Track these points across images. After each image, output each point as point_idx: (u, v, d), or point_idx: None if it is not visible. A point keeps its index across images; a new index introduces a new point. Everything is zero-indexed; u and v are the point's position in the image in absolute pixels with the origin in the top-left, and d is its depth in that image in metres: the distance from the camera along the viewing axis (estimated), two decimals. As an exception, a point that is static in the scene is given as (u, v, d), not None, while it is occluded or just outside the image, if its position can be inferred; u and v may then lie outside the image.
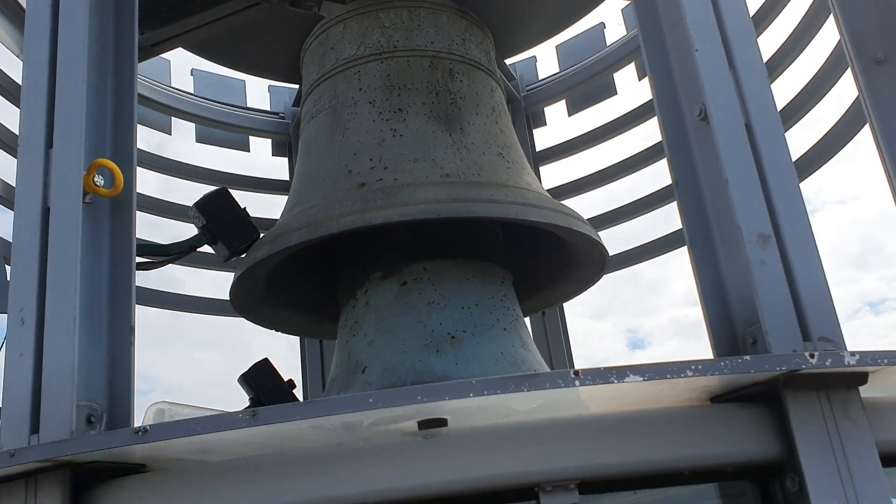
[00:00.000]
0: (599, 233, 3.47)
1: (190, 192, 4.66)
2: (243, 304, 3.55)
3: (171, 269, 3.92)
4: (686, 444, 1.79)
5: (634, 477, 1.80)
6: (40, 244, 2.00)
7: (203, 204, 3.29)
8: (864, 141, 3.47)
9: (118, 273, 2.09)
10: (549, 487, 1.73)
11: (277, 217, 4.18)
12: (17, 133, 3.66)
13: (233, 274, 4.59)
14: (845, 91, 3.44)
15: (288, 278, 3.54)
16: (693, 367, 1.61)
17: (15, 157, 2.96)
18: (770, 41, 3.68)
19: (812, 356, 1.66)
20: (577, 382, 1.57)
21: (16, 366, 1.94)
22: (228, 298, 4.56)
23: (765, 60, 2.26)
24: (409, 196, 3.03)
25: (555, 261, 3.63)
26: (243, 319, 4.69)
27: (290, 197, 3.58)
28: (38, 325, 1.94)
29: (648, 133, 4.61)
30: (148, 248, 3.24)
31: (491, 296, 3.31)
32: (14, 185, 2.17)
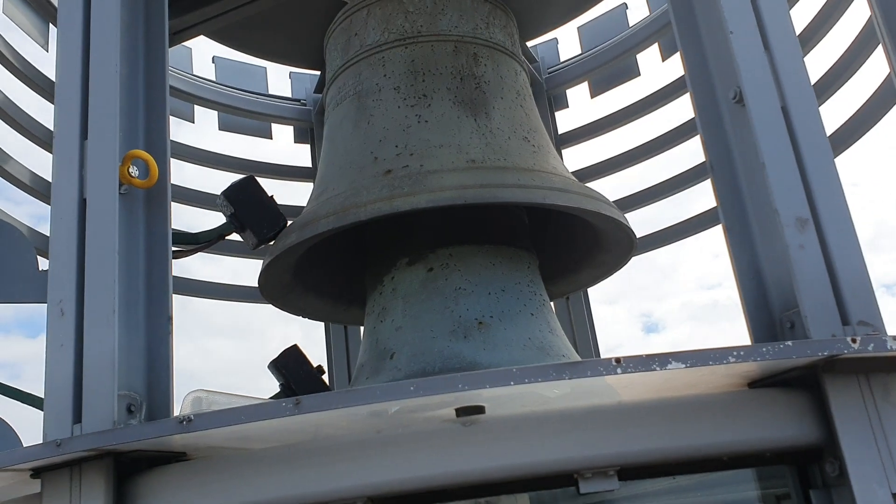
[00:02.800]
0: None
1: (199, 179, 4.68)
2: (271, 291, 3.57)
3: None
4: (725, 430, 1.79)
5: (673, 463, 1.80)
6: (78, 236, 2.02)
7: (231, 192, 3.30)
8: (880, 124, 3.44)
9: (154, 263, 2.11)
10: (589, 474, 1.74)
11: (298, 204, 4.21)
12: (49, 127, 3.71)
13: (248, 260, 4.66)
14: (876, 69, 3.40)
15: (314, 265, 3.56)
16: (735, 353, 1.60)
17: (48, 152, 2.99)
18: (799, 17, 3.63)
19: (854, 341, 1.65)
20: (619, 370, 1.57)
21: (57, 356, 1.96)
22: (243, 285, 4.64)
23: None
24: (435, 182, 3.02)
25: (581, 245, 3.62)
26: (256, 307, 4.73)
27: (316, 184, 3.58)
28: (77, 316, 1.97)
29: (672, 114, 4.57)
30: (177, 237, 3.26)
31: (517, 281, 3.30)
32: (49, 178, 2.19)
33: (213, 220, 3.73)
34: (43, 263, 2.83)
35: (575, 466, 1.72)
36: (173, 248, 3.26)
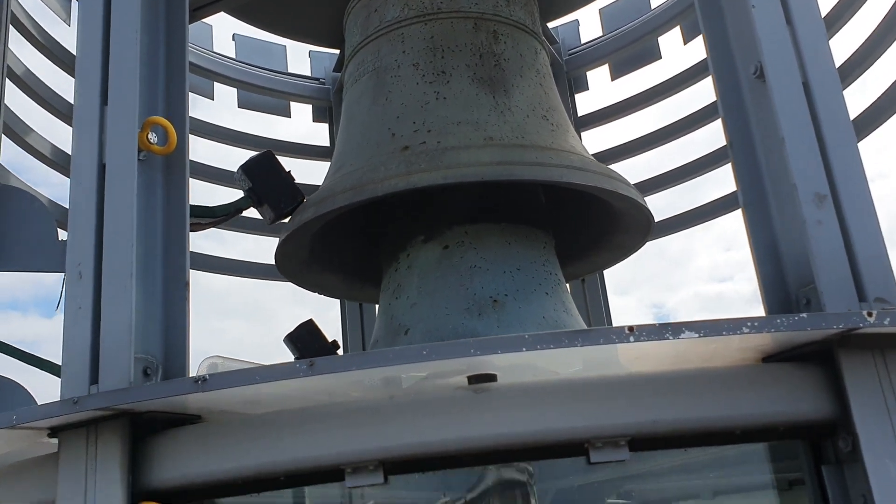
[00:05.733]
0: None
1: (218, 156, 4.71)
2: (287, 267, 3.59)
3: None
4: (738, 403, 1.78)
5: (685, 435, 1.79)
6: (97, 200, 2.04)
7: (249, 167, 3.32)
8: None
9: (172, 229, 2.13)
10: (600, 444, 1.74)
11: (316, 183, 4.22)
12: (70, 101, 3.73)
13: (261, 242, 4.68)
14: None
15: (331, 241, 3.57)
16: (749, 323, 1.60)
17: (68, 125, 3.01)
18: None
19: (870, 315, 1.63)
20: (631, 338, 1.57)
21: (75, 319, 1.98)
22: (259, 262, 4.67)
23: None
24: (452, 159, 3.02)
25: (598, 225, 3.61)
26: (269, 289, 4.75)
27: (333, 160, 3.59)
28: (95, 279, 1.99)
29: (693, 98, 4.54)
30: (195, 211, 3.28)
31: (533, 260, 3.30)
32: (69, 151, 2.20)
33: (231, 196, 3.75)
34: (63, 235, 2.87)
35: (586, 435, 1.73)
36: (191, 221, 3.30)
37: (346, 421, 1.78)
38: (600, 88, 4.81)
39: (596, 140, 4.79)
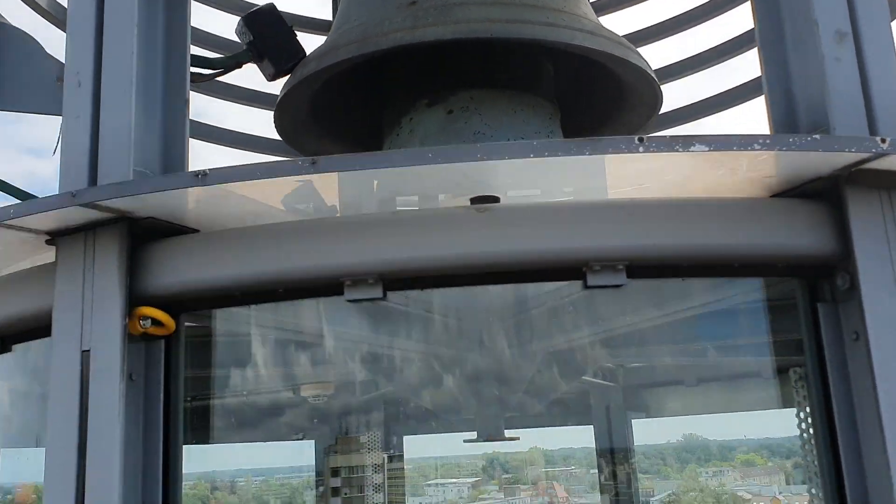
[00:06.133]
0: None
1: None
2: (287, 126, 3.53)
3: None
4: (739, 234, 1.77)
5: (683, 263, 1.79)
6: (96, 6, 1.97)
7: (251, 19, 3.23)
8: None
9: (173, 44, 2.07)
10: (597, 266, 1.73)
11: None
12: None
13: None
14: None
15: (332, 102, 3.50)
16: (761, 140, 1.57)
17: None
18: None
19: (884, 141, 1.61)
20: (640, 149, 1.54)
21: (73, 128, 1.94)
22: (258, 135, 4.59)
23: None
24: (461, 14, 2.94)
25: (604, 102, 3.55)
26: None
27: (337, 18, 3.50)
28: (94, 87, 1.94)
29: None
30: (195, 61, 3.20)
31: (538, 130, 3.25)
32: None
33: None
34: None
35: (584, 257, 1.72)
36: (191, 72, 3.23)
37: (346, 233, 1.76)
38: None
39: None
